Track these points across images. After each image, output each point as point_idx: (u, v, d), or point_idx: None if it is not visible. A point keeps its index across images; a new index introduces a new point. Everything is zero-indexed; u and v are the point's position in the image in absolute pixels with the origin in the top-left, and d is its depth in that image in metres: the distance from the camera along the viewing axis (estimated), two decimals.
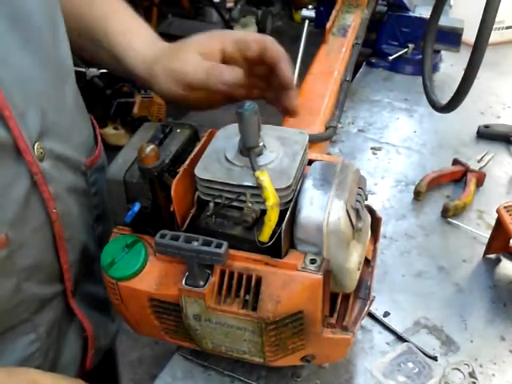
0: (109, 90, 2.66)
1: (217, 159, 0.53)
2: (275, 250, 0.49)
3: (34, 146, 0.52)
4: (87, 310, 0.67)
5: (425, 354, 0.64)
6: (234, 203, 0.51)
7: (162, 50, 0.66)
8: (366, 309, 0.56)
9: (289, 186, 0.50)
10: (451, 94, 0.76)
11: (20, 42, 0.51)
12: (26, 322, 0.58)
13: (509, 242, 0.77)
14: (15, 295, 0.55)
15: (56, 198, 0.56)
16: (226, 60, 0.63)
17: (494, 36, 1.19)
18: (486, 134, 1.04)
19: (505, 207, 0.74)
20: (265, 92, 0.67)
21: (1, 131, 0.48)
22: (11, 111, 0.49)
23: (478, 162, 0.95)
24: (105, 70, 2.65)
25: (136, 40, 0.67)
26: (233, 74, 0.59)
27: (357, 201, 0.51)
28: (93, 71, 2.59)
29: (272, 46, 0.62)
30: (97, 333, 0.69)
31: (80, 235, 0.63)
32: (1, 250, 0.51)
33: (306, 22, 1.27)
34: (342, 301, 0.56)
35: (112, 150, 0.70)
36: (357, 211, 0.51)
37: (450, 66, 1.31)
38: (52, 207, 0.55)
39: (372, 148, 1.02)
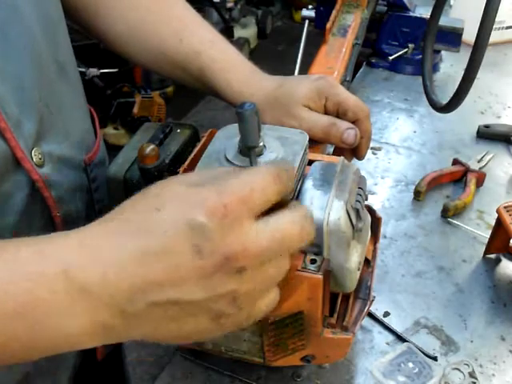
0: (109, 90, 2.66)
1: (217, 159, 0.53)
2: None
3: (31, 152, 0.52)
4: None
5: (425, 354, 0.64)
6: None
7: (266, 97, 0.66)
8: (366, 309, 0.56)
9: None
10: (451, 94, 0.76)
11: (14, 48, 0.50)
12: None
13: (509, 242, 0.77)
14: None
15: (59, 201, 0.56)
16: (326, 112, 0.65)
17: (494, 36, 1.19)
18: (486, 134, 1.04)
19: (505, 207, 0.74)
20: None
21: None
22: (6, 122, 0.49)
23: (478, 162, 0.95)
24: (105, 70, 2.65)
25: (232, 79, 0.68)
26: (352, 135, 0.63)
27: (357, 201, 0.51)
28: (93, 71, 2.59)
29: (364, 121, 0.64)
30: None
31: None
32: None
33: (306, 21, 1.27)
34: (342, 301, 0.56)
35: (112, 149, 0.70)
36: (357, 211, 0.51)
37: (450, 65, 1.31)
38: (55, 212, 0.56)
39: (372, 148, 1.02)
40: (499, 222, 0.74)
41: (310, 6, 1.28)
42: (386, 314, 0.70)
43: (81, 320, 0.36)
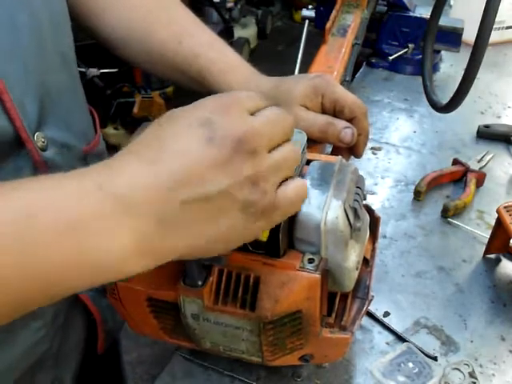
0: (109, 90, 2.66)
1: None
2: (273, 249, 0.49)
3: (34, 135, 0.53)
4: (93, 293, 0.68)
5: (425, 354, 0.64)
6: None
7: (265, 98, 0.66)
8: (364, 308, 0.56)
9: None
10: (451, 94, 0.76)
11: (20, 35, 0.51)
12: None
13: (509, 242, 0.77)
14: None
15: None
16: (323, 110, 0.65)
17: (494, 36, 1.19)
18: (486, 134, 1.04)
19: (505, 207, 0.74)
20: None
21: (3, 121, 0.49)
22: (12, 102, 0.49)
23: (478, 162, 0.95)
24: (105, 70, 2.65)
25: (232, 80, 0.68)
26: (349, 134, 0.62)
27: (355, 200, 0.51)
28: (93, 71, 2.59)
29: (361, 119, 0.64)
30: (105, 316, 0.70)
31: None
32: None
33: (306, 21, 1.27)
34: (341, 300, 0.56)
35: (112, 149, 0.70)
36: (355, 211, 0.50)
37: (450, 65, 1.31)
38: None
39: (372, 148, 1.02)
40: (499, 222, 0.74)
41: (309, 6, 1.28)
42: (386, 314, 0.70)
43: (121, 233, 0.37)
